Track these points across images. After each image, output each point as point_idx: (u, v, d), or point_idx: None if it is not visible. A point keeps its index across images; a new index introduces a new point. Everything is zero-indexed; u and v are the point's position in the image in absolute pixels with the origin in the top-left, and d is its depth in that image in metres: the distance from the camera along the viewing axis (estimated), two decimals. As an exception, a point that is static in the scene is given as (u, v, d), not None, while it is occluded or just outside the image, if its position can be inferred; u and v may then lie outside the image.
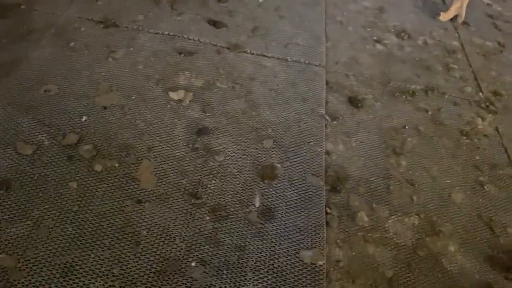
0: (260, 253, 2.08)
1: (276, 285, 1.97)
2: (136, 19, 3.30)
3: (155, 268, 1.94)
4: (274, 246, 2.11)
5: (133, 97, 2.69)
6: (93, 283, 1.85)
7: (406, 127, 2.99)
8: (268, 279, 1.98)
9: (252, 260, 2.03)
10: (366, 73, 3.36)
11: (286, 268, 2.04)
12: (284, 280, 2.00)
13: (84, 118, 2.49)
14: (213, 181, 2.33)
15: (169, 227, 2.10)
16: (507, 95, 3.44)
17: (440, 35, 3.98)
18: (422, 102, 3.22)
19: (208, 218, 2.17)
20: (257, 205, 2.25)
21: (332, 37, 3.63)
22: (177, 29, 3.30)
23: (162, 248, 2.02)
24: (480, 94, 3.41)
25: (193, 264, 1.98)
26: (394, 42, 3.77)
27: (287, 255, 2.08)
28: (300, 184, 2.42)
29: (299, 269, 2.04)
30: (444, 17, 4.10)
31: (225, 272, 1.98)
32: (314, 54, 3.38)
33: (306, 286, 1.99)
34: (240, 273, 2.00)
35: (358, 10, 4.07)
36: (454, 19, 4.12)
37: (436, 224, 2.41)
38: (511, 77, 3.64)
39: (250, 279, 1.97)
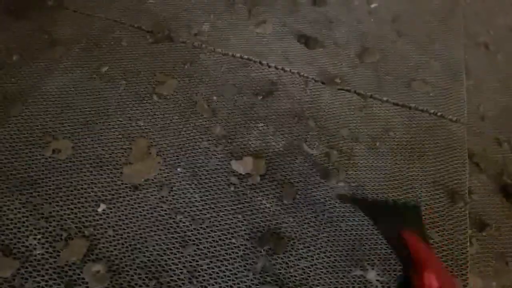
0: None
1: None
2: (199, 30, 2.33)
3: None
4: None
5: (178, 169, 1.78)
6: None
7: None
8: None
9: None
10: (527, 138, 2.21)
11: None
12: None
13: (102, 207, 1.62)
14: None
15: None
16: None
17: None
18: None
19: None
20: None
21: (474, 71, 2.48)
22: (254, 49, 2.30)
23: None
24: None
25: None
26: None
27: None
28: None
29: None
30: None
31: None
32: (450, 100, 2.28)
33: None
34: None
35: (510, 26, 2.83)
36: None
37: None
38: None
39: None
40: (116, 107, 1.94)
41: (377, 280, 1.62)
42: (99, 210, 1.62)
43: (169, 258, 1.56)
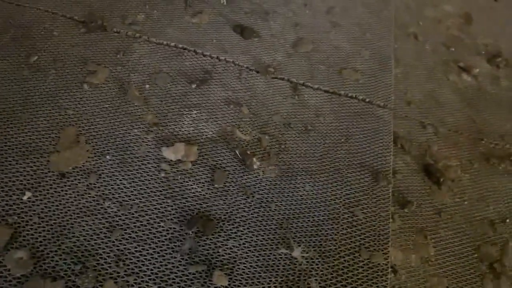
0: None
1: None
2: (134, 20, 2.33)
3: None
4: None
5: (107, 157, 1.78)
6: None
7: (507, 220, 2.02)
8: None
9: None
10: (450, 121, 2.37)
11: None
12: None
13: (27, 195, 1.61)
14: None
15: None
16: None
17: (547, 61, 2.89)
18: (529, 175, 2.22)
19: None
20: None
21: (403, 60, 2.61)
22: (190, 38, 2.33)
23: None
24: None
25: None
26: (486, 71, 2.72)
27: None
28: None
29: None
30: None
31: None
32: (378, 87, 2.39)
33: None
34: None
35: (437, 17, 2.99)
36: None
37: None
38: None
39: None
40: (44, 97, 1.92)
41: (302, 257, 1.69)
42: (24, 198, 1.61)
43: (95, 243, 1.57)
